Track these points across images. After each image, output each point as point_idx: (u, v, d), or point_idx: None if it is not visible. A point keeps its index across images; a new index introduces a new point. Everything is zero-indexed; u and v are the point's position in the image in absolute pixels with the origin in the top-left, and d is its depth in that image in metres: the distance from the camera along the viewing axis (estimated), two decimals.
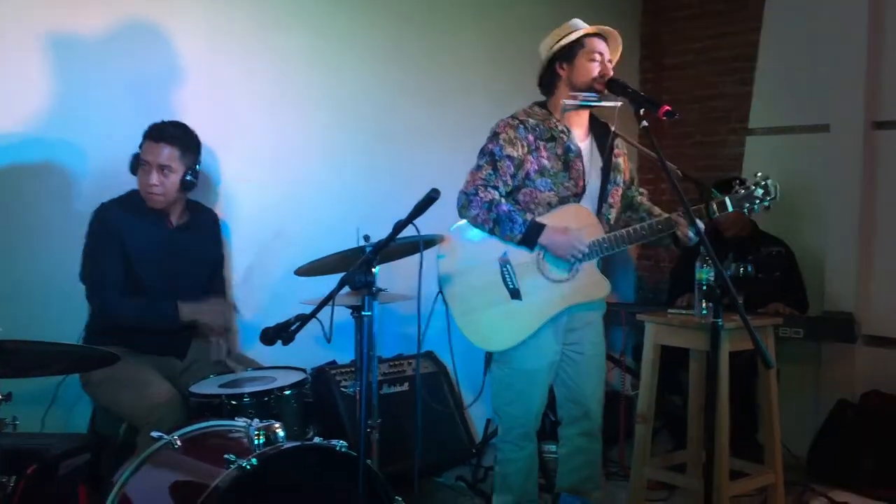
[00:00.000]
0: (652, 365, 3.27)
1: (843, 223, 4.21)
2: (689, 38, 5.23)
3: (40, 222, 3.02)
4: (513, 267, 2.79)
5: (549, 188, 2.81)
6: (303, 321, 2.17)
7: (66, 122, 3.06)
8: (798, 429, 4.07)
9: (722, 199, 2.78)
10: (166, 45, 3.29)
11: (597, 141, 2.93)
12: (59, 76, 3.04)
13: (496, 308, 2.80)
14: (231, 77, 3.49)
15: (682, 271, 4.14)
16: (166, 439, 2.29)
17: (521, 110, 2.89)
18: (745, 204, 2.77)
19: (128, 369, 2.75)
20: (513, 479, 2.95)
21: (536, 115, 2.86)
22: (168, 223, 3.05)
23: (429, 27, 4.21)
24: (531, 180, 2.80)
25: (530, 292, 2.79)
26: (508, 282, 2.79)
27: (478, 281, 2.81)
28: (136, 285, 2.94)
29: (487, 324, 2.82)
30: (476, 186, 2.76)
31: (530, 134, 2.81)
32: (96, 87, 3.12)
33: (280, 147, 3.68)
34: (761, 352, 2.23)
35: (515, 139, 2.79)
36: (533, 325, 2.79)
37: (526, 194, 2.82)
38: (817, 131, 4.37)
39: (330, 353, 3.66)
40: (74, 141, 3.09)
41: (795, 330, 3.77)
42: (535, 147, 2.80)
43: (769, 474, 3.22)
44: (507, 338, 2.81)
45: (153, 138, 2.91)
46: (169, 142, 2.91)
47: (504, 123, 2.84)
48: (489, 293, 2.80)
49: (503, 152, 2.78)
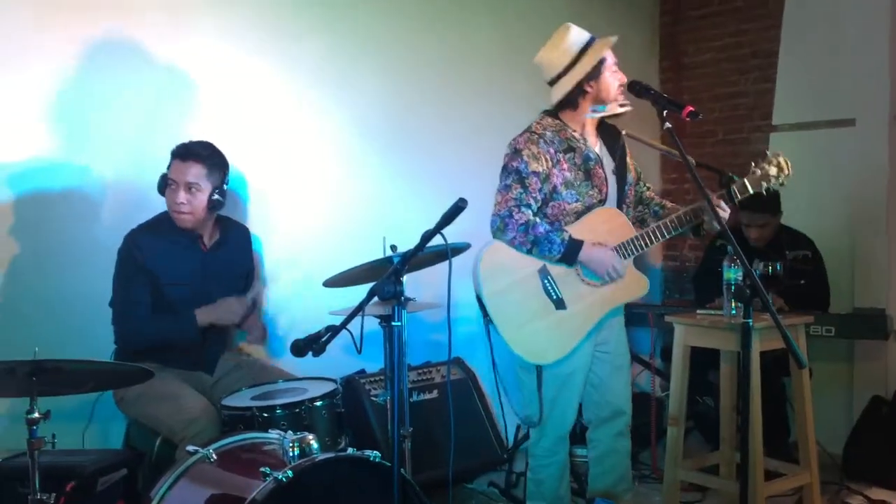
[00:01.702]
0: (682, 366, 3.25)
1: (872, 218, 4.17)
2: (708, 37, 5.20)
3: (69, 244, 3.06)
4: (553, 278, 2.78)
5: (576, 199, 2.80)
6: (333, 333, 2.18)
7: (89, 146, 3.11)
8: (832, 427, 4.03)
9: (741, 181, 2.85)
10: (181, 65, 3.31)
11: (606, 144, 2.93)
12: (78, 100, 3.08)
13: (544, 320, 2.78)
14: (250, 90, 3.52)
15: (708, 271, 4.12)
16: (202, 453, 2.31)
17: (535, 123, 2.86)
18: (762, 183, 2.85)
19: (162, 385, 2.79)
20: (546, 484, 2.95)
21: (550, 127, 2.84)
22: (201, 245, 3.06)
23: (445, 30, 4.20)
24: (558, 194, 2.79)
25: (574, 300, 2.79)
26: (552, 293, 2.78)
27: (521, 297, 2.78)
28: (167, 307, 2.95)
29: (537, 337, 2.78)
30: (509, 208, 2.74)
31: (550, 147, 2.79)
32: (116, 109, 3.17)
33: (302, 158, 3.70)
34: (794, 352, 2.22)
35: (539, 154, 2.77)
36: (582, 331, 2.80)
37: (554, 207, 2.81)
38: (842, 126, 4.33)
39: (358, 361, 3.68)
40: (98, 165, 3.13)
41: (827, 328, 3.74)
42: (556, 160, 2.79)
43: (804, 474, 3.19)
44: (559, 348, 2.79)
45: (180, 157, 2.94)
46: (195, 160, 2.93)
47: (524, 139, 2.81)
48: (534, 307, 2.78)
49: (529, 169, 2.75)
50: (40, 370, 2.01)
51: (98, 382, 2.36)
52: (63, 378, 2.11)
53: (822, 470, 3.31)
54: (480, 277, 2.78)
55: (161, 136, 3.10)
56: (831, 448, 3.84)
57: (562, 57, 2.81)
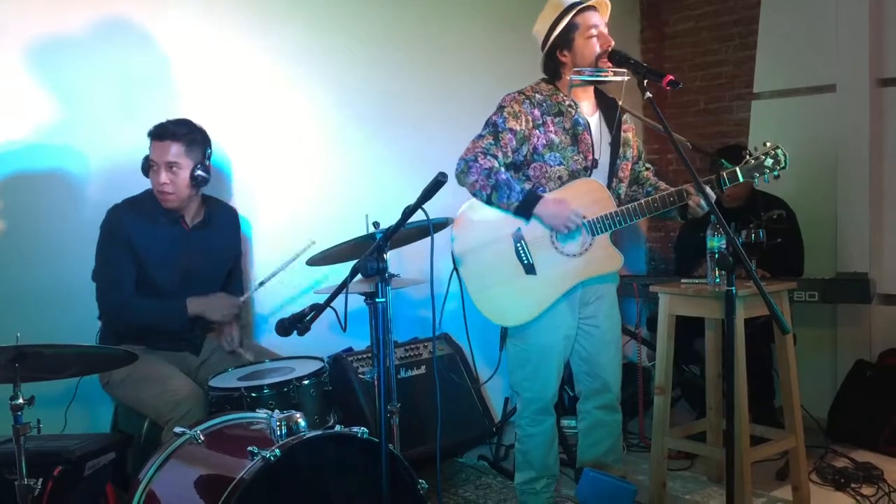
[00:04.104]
0: (667, 336, 3.27)
1: (854, 183, 4.19)
2: (689, 6, 5.19)
3: (51, 228, 3.03)
4: (527, 243, 2.79)
5: (559, 162, 2.80)
6: (317, 311, 2.17)
7: (69, 128, 3.07)
8: (817, 391, 4.08)
9: (733, 169, 2.78)
10: (163, 43, 3.28)
11: (605, 116, 2.92)
12: (58, 81, 3.04)
13: (512, 284, 2.80)
14: (234, 69, 3.49)
15: (687, 240, 4.14)
16: (189, 434, 2.31)
17: (529, 86, 2.88)
18: (755, 174, 2.78)
19: (147, 367, 2.78)
20: (533, 454, 2.97)
21: (543, 91, 2.86)
22: (183, 224, 3.04)
23: (431, 11, 4.19)
24: (540, 155, 2.80)
25: (544, 267, 2.80)
26: (523, 257, 2.79)
27: (492, 257, 2.82)
28: (150, 286, 2.95)
29: (503, 299, 2.83)
30: (476, 154, 2.75)
31: (536, 109, 2.80)
32: (95, 89, 3.12)
33: (287, 137, 3.68)
34: (777, 318, 2.23)
35: (520, 113, 2.79)
36: (548, 300, 2.81)
37: (536, 169, 2.82)
38: (823, 92, 4.34)
39: (345, 340, 3.68)
40: (79, 146, 3.09)
41: (810, 293, 3.76)
42: (541, 122, 2.80)
43: (790, 438, 3.22)
44: (524, 312, 2.83)
45: (158, 137, 2.92)
46: (172, 138, 2.90)
47: (510, 98, 2.84)
48: (504, 269, 2.81)
49: (506, 125, 2.77)
50: (22, 356, 2.00)
51: (82, 366, 2.35)
52: (46, 363, 2.11)
53: (808, 434, 3.34)
54: (454, 233, 2.85)
55: (143, 115, 3.05)
56: (816, 412, 3.88)
57: (542, 27, 2.84)
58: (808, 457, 3.32)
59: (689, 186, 2.77)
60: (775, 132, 4.46)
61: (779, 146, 2.77)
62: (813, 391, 3.95)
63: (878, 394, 3.86)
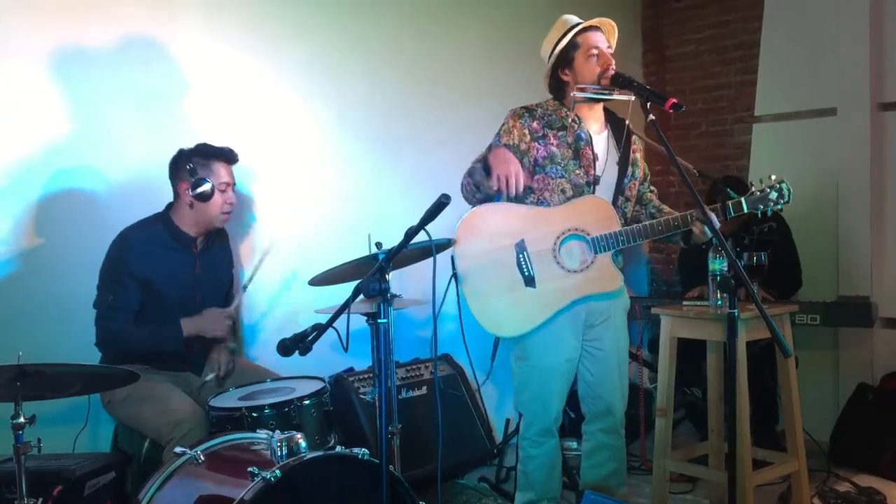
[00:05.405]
0: (669, 358, 3.26)
1: (855, 206, 4.20)
2: (691, 29, 5.24)
3: (60, 246, 3.03)
4: (529, 254, 2.80)
5: (560, 175, 2.84)
6: (319, 331, 2.17)
7: (84, 146, 3.08)
8: (819, 415, 4.06)
9: (738, 200, 2.84)
10: (172, 64, 3.30)
11: (614, 134, 2.95)
12: (73, 99, 3.06)
13: (510, 294, 2.80)
14: (237, 90, 3.51)
15: (690, 262, 4.14)
16: (189, 454, 2.30)
17: (536, 102, 2.94)
18: (759, 206, 2.85)
19: (148, 386, 2.77)
20: (534, 475, 2.96)
21: (549, 107, 2.92)
22: (194, 247, 3.07)
23: (431, 28, 4.22)
24: (541, 167, 2.84)
25: (544, 280, 2.80)
26: (524, 268, 2.79)
27: (492, 267, 2.81)
28: (160, 309, 2.93)
29: (500, 309, 2.82)
30: (468, 170, 2.82)
31: (536, 122, 2.85)
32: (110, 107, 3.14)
33: (288, 157, 3.69)
34: (779, 342, 2.23)
35: (513, 128, 2.85)
36: (545, 313, 2.80)
37: (539, 181, 2.85)
38: (824, 115, 4.36)
39: (347, 360, 3.67)
40: (93, 164, 3.10)
41: (812, 316, 3.76)
42: (541, 134, 2.84)
43: (792, 462, 3.21)
44: (519, 324, 2.82)
45: (228, 160, 3.05)
46: (235, 161, 3.07)
47: (510, 113, 2.91)
48: (503, 279, 2.80)
49: (500, 141, 2.84)
50: (23, 374, 2.00)
51: (83, 386, 2.34)
52: (47, 382, 2.10)
53: (810, 458, 3.33)
54: (456, 235, 2.85)
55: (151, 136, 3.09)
56: (818, 436, 3.86)
57: (547, 47, 2.91)
58: (810, 480, 3.30)
59: (694, 212, 2.78)
60: (776, 155, 4.48)
61: (783, 180, 2.82)
62: (815, 414, 3.93)
63: (880, 417, 3.84)
